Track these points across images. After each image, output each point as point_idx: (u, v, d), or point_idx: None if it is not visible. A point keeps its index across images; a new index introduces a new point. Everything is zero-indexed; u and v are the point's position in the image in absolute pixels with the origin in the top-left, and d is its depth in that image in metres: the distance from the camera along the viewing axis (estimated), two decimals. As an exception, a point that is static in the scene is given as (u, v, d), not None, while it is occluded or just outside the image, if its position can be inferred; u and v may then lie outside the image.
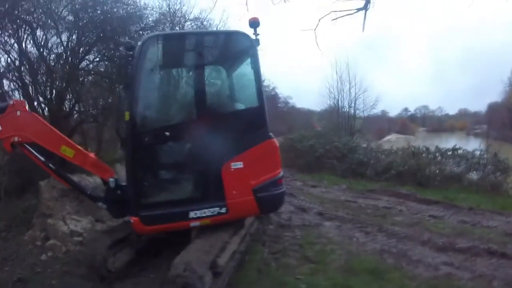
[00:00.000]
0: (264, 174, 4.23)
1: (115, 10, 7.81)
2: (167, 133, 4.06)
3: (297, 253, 4.59)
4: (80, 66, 8.11)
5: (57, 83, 7.53)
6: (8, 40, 7.33)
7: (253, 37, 4.20)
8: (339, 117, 21.41)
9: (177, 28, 10.53)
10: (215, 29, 10.94)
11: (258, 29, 4.16)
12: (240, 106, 4.63)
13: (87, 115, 9.20)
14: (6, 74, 7.43)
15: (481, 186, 8.98)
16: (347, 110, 22.06)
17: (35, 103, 7.51)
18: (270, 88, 33.07)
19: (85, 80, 8.48)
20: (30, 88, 7.53)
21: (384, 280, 3.85)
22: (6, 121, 4.15)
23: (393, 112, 48.59)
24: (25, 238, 5.47)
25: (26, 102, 4.96)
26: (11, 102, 4.37)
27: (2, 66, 7.52)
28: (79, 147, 4.45)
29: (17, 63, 7.37)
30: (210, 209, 4.08)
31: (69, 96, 8.25)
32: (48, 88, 7.64)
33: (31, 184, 6.15)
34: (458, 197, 7.94)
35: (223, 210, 4.10)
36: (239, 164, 4.09)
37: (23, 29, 7.21)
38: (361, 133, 18.25)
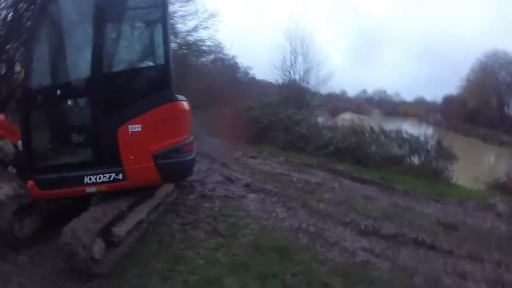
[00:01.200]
0: (166, 139, 3.77)
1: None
2: (58, 92, 3.61)
3: (208, 226, 4.22)
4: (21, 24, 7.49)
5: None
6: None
7: None
8: (289, 90, 20.93)
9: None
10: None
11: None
12: (142, 64, 4.06)
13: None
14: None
15: (421, 171, 9.01)
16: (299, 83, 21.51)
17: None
18: (230, 56, 32.29)
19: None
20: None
21: (291, 261, 3.53)
22: None
23: (353, 93, 49.51)
24: None
25: None
26: None
27: None
28: None
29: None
30: (106, 175, 3.64)
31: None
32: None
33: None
34: (396, 179, 7.90)
35: (120, 176, 3.65)
36: (137, 127, 3.62)
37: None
38: (309, 107, 17.93)
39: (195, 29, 18.46)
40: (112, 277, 3.21)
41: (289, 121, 11.43)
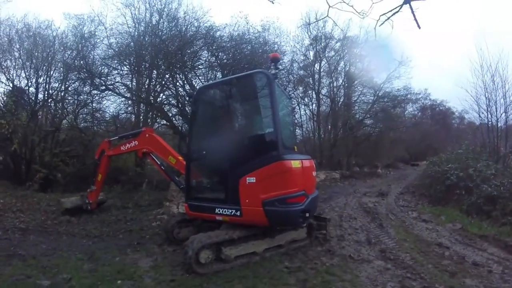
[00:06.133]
0: (273, 191, 4.71)
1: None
2: (204, 152, 5.39)
3: (304, 276, 4.51)
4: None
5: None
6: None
7: (273, 71, 5.04)
8: (483, 135, 15.35)
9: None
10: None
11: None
12: (257, 132, 5.36)
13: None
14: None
15: None
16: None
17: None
18: (438, 102, 28.30)
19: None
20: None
21: None
22: (140, 139, 6.72)
23: None
24: (153, 212, 8.16)
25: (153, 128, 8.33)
26: (143, 129, 6.99)
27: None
28: (180, 157, 6.30)
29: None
30: (229, 210, 5.01)
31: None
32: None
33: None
34: None
35: (238, 213, 4.92)
36: (252, 179, 4.82)
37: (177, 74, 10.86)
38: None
39: (388, 80, 18.27)
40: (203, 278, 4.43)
41: (479, 176, 9.19)
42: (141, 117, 12.07)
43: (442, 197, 9.95)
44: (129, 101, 11.92)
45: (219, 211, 5.06)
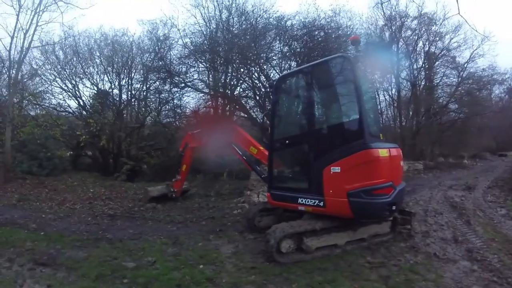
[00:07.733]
0: (358, 181, 4.52)
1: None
2: (287, 141, 5.44)
3: (386, 273, 4.29)
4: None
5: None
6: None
7: (354, 54, 4.91)
8: None
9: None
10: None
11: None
12: (342, 119, 5.12)
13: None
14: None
15: None
16: None
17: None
18: None
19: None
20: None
21: None
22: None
23: None
24: (234, 201, 8.57)
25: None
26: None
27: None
28: (261, 147, 6.45)
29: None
30: (312, 200, 4.96)
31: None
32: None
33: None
34: None
35: (321, 203, 4.85)
36: (337, 169, 4.68)
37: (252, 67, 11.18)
38: None
39: (471, 59, 16.37)
40: (283, 267, 4.46)
41: None
42: (220, 110, 12.60)
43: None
44: (208, 96, 12.50)
45: (301, 201, 5.05)
